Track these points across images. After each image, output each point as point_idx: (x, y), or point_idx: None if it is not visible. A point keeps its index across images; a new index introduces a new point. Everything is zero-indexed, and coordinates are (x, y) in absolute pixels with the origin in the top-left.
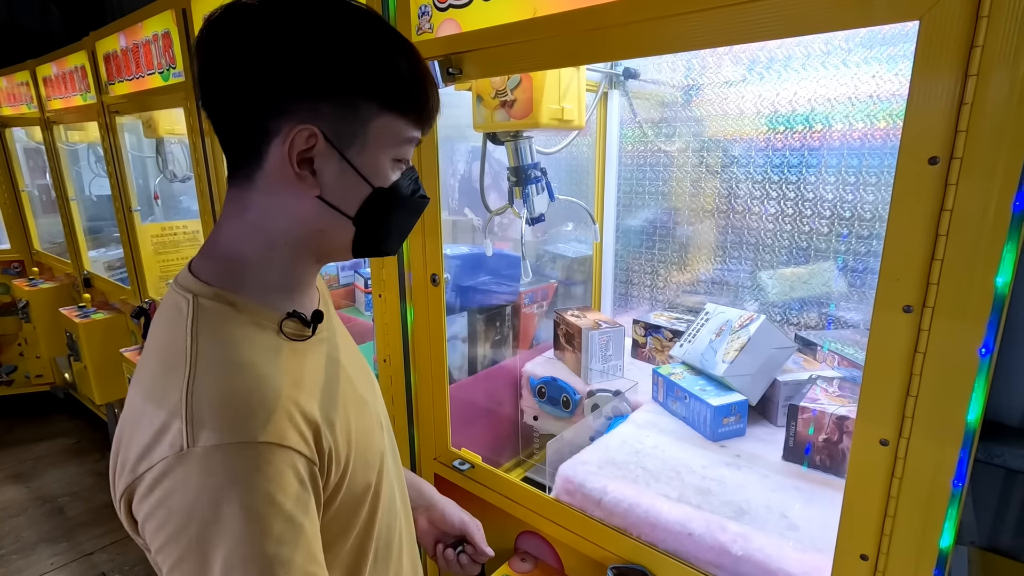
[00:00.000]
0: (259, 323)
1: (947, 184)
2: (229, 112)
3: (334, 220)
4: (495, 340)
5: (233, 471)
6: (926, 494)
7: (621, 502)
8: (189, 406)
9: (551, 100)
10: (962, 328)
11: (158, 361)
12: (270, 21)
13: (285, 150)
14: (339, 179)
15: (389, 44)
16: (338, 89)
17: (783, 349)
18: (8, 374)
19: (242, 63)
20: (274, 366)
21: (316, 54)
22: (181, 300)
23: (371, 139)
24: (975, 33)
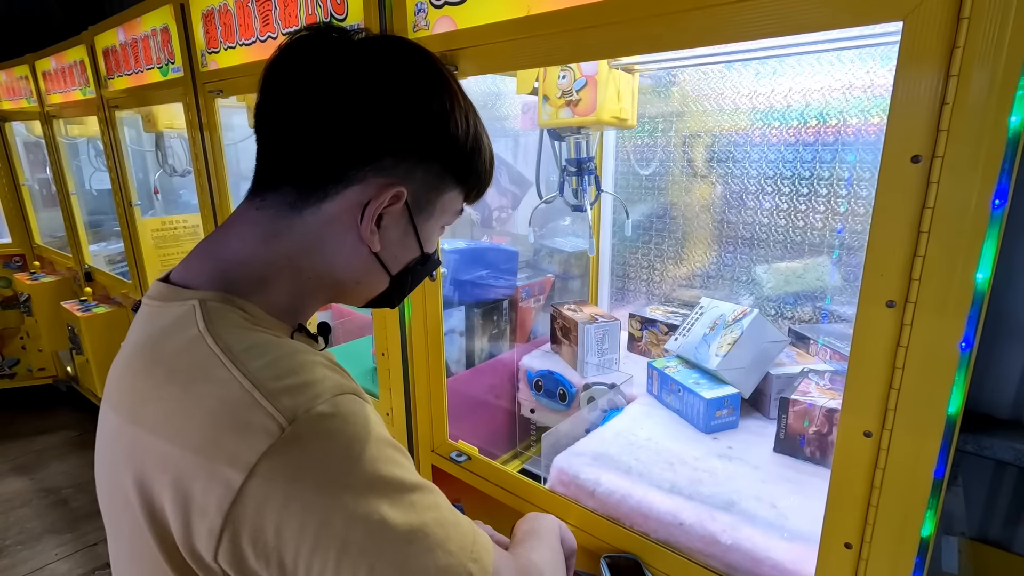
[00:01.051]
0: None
1: (929, 182)
2: (310, 146)
3: (375, 275)
4: (492, 334)
5: (355, 422)
6: (908, 484)
7: (614, 493)
8: (260, 388)
9: (611, 100)
10: (943, 323)
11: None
12: (384, 67)
13: (373, 207)
14: (399, 240)
15: (479, 122)
16: (437, 158)
17: (775, 343)
18: (11, 367)
19: (350, 105)
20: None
21: (432, 117)
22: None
23: (438, 209)
24: (956, 34)
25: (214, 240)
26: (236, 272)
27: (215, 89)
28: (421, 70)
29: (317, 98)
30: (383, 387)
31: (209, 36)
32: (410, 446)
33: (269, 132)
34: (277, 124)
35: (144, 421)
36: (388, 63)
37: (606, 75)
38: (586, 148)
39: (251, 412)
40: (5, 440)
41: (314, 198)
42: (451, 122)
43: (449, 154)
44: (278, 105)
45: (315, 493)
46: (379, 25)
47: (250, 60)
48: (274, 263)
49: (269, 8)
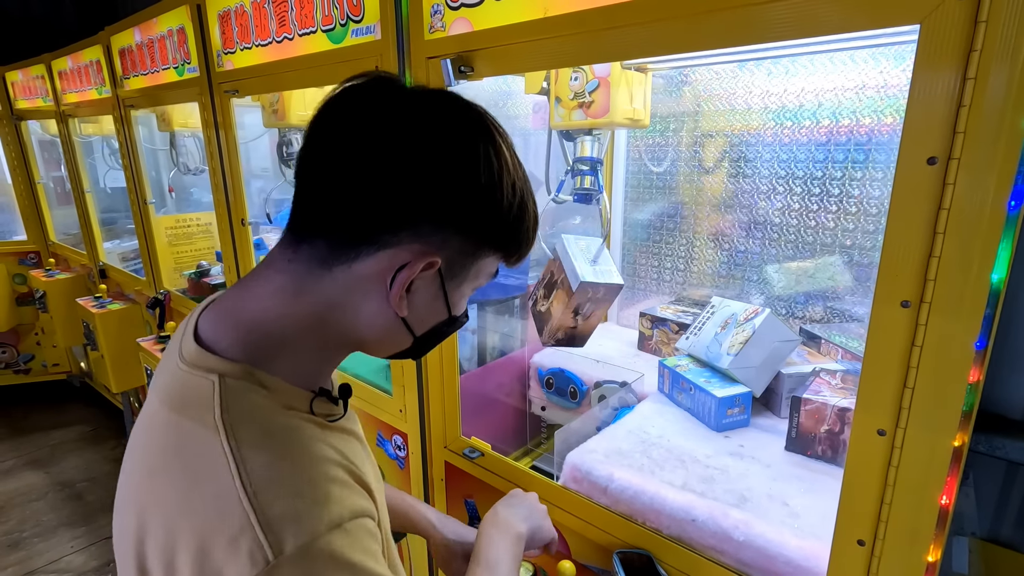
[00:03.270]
0: (290, 404)
1: (945, 184)
2: (347, 204)
3: (399, 335)
4: (504, 332)
5: (333, 563)
6: (921, 482)
7: (627, 489)
8: (257, 511)
9: (624, 102)
10: (958, 323)
11: (186, 465)
12: (433, 130)
13: (404, 272)
14: (428, 304)
15: (526, 185)
16: (478, 228)
17: (787, 342)
18: (25, 363)
19: (393, 167)
20: (317, 435)
21: (478, 189)
22: (200, 381)
23: (472, 274)
24: (974, 37)
25: (245, 290)
26: (260, 336)
27: (231, 89)
28: (471, 135)
29: (359, 156)
30: (396, 384)
31: (225, 37)
32: (423, 442)
33: (309, 181)
34: (317, 175)
35: (155, 490)
36: (437, 125)
37: (619, 76)
38: (598, 148)
39: (243, 534)
40: (21, 435)
41: (346, 256)
42: (497, 192)
43: (492, 225)
44: (320, 155)
45: None
46: (395, 27)
47: (266, 60)
48: (300, 321)
49: (285, 9)
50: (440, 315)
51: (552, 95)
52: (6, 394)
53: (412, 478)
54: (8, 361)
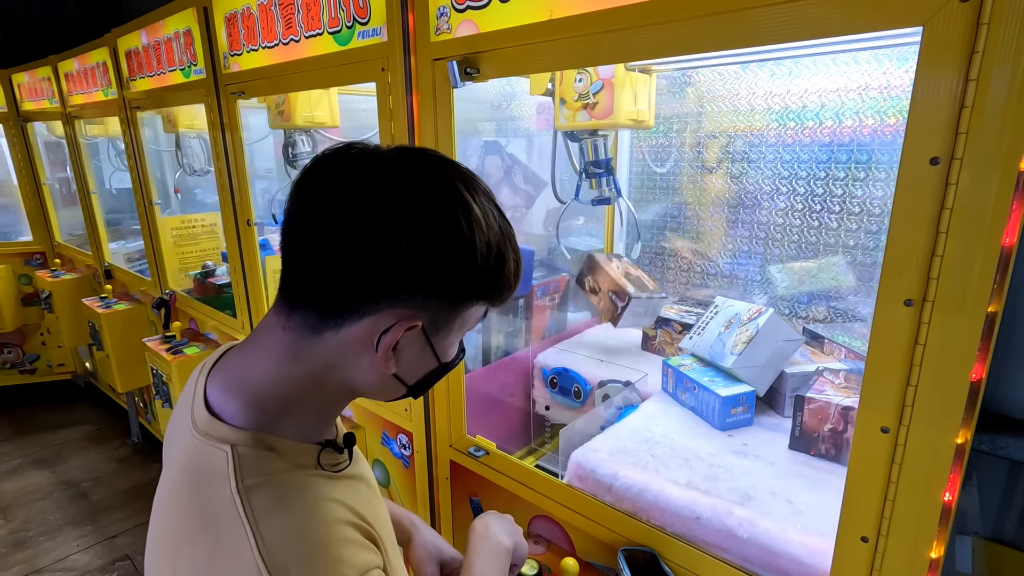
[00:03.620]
0: (299, 463)
1: (947, 183)
2: (328, 276)
3: (393, 386)
4: (508, 332)
5: None
6: (924, 479)
7: (631, 487)
8: (271, 572)
9: (628, 103)
10: (960, 321)
11: (207, 528)
12: (404, 201)
13: (387, 338)
14: (416, 358)
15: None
16: (453, 294)
17: (790, 342)
18: (31, 363)
19: (368, 242)
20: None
21: (451, 253)
22: (215, 452)
23: (457, 325)
24: (975, 39)
25: (247, 356)
26: (265, 401)
27: (237, 91)
28: (441, 202)
29: (334, 232)
30: None
31: (232, 39)
32: (428, 441)
33: (292, 251)
34: (298, 247)
35: (180, 560)
36: (407, 197)
37: (623, 78)
38: (604, 149)
39: None
40: (26, 434)
41: (333, 324)
42: (470, 253)
43: (469, 283)
44: (299, 229)
45: None
46: (401, 29)
47: (272, 63)
48: (299, 383)
49: (292, 12)
50: (430, 364)
51: (556, 96)
52: (12, 394)
53: (417, 477)
54: (14, 361)
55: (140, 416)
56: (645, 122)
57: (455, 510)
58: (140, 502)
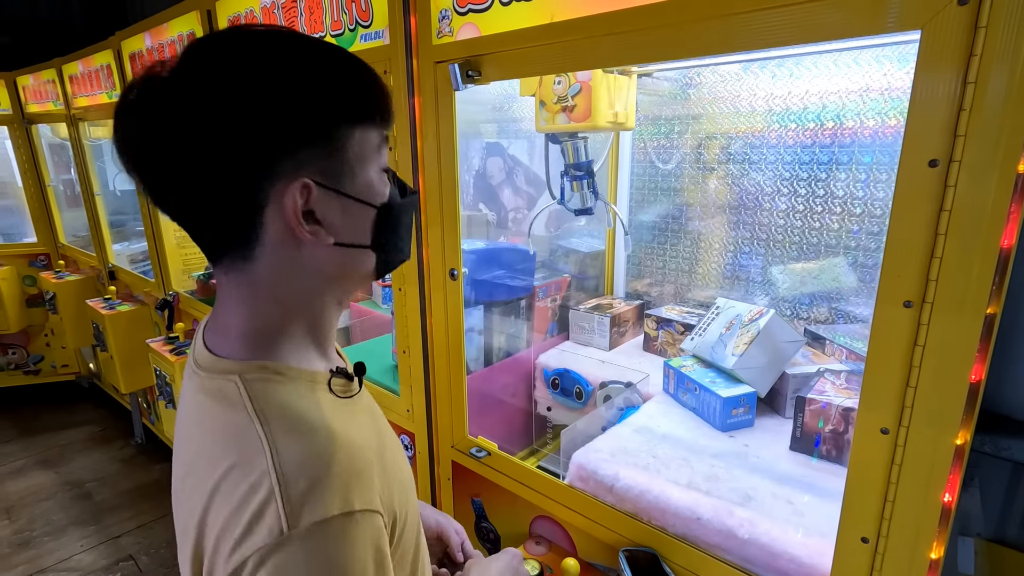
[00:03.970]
0: (312, 386)
1: (946, 186)
2: (205, 201)
3: (353, 257)
4: (510, 332)
5: (337, 546)
6: (924, 480)
7: (632, 488)
8: (282, 485)
9: (607, 105)
10: (959, 323)
11: (230, 449)
12: (210, 89)
13: (287, 214)
14: (346, 216)
15: (332, 59)
16: (310, 129)
17: (791, 343)
18: (35, 364)
19: (203, 144)
20: (343, 425)
21: (276, 102)
22: (225, 384)
23: (355, 162)
24: (973, 42)
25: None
26: (255, 336)
27: None
28: (236, 64)
29: (167, 151)
30: (404, 384)
31: None
32: (430, 442)
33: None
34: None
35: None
36: (202, 81)
37: (600, 80)
38: (584, 152)
39: (268, 507)
40: (30, 435)
41: (249, 240)
42: (294, 89)
43: (317, 114)
44: (147, 169)
45: None
46: (403, 32)
47: None
48: (270, 312)
49: (295, 15)
50: (366, 213)
51: (537, 99)
52: (16, 395)
53: (419, 477)
54: (18, 362)
55: (144, 417)
56: (624, 124)
57: (457, 511)
58: (144, 502)
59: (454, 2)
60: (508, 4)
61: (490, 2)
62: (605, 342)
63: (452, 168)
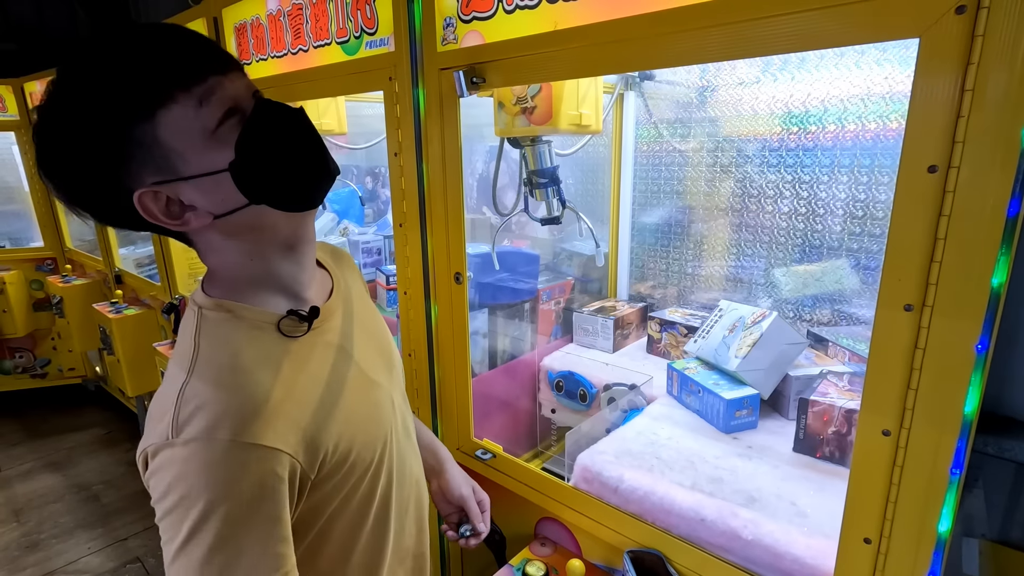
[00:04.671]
0: (257, 326)
1: (945, 191)
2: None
3: (249, 215)
4: (514, 335)
5: (202, 464)
6: (926, 481)
7: (637, 490)
8: (179, 402)
9: (570, 106)
10: (960, 326)
11: (174, 362)
12: (42, 126)
13: (159, 217)
14: (205, 194)
15: (111, 65)
16: (114, 147)
17: (794, 345)
18: (42, 367)
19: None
20: (266, 367)
21: (73, 144)
22: (191, 312)
23: (176, 145)
24: (971, 50)
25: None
26: (221, 282)
27: None
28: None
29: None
30: (409, 387)
31: (241, 48)
32: None
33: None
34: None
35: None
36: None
37: None
38: (548, 157)
39: (166, 415)
40: (38, 438)
41: (171, 233)
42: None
43: (112, 135)
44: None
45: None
46: (408, 39)
47: (282, 71)
48: (226, 267)
49: (301, 22)
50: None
51: (495, 100)
52: (24, 398)
53: None
54: (25, 366)
55: None
56: (590, 127)
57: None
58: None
59: (459, 9)
60: (512, 11)
61: (494, 9)
62: (609, 344)
63: (457, 174)
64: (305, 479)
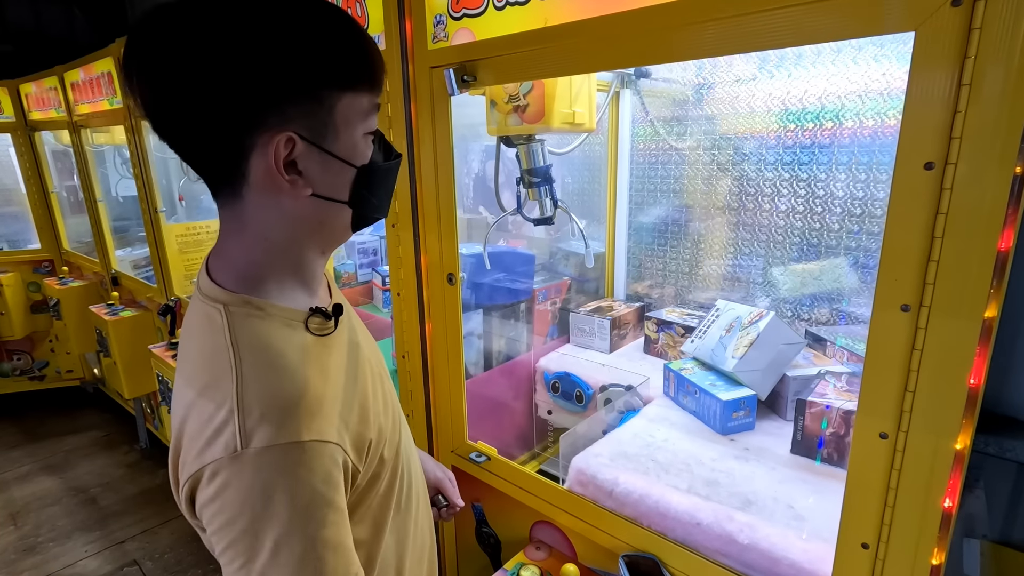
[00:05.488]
0: (288, 323)
1: (942, 188)
2: (197, 137)
3: (330, 209)
4: (510, 336)
5: (280, 469)
6: (924, 485)
7: (632, 493)
8: (241, 411)
9: (563, 104)
10: (957, 326)
11: (206, 369)
12: (214, 33)
13: (270, 162)
14: (325, 171)
15: (328, 22)
16: (299, 87)
17: (792, 345)
18: (40, 369)
19: (198, 85)
20: (309, 364)
21: (269, 59)
22: (213, 311)
23: (340, 123)
24: (968, 44)
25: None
26: (242, 273)
27: None
28: (238, 11)
29: (168, 89)
30: (404, 389)
31: None
32: (430, 446)
33: (167, 138)
34: (162, 126)
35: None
36: (208, 23)
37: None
38: (541, 156)
39: (227, 425)
40: (36, 440)
41: (238, 180)
42: (288, 46)
43: (308, 74)
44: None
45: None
46: (399, 37)
47: None
48: (258, 247)
49: None
50: (346, 172)
51: (488, 98)
52: (22, 400)
53: None
54: (23, 368)
55: (148, 422)
56: (584, 125)
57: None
58: (148, 507)
59: (449, 7)
60: (502, 8)
61: (485, 6)
62: (606, 345)
63: (449, 173)
64: (356, 473)
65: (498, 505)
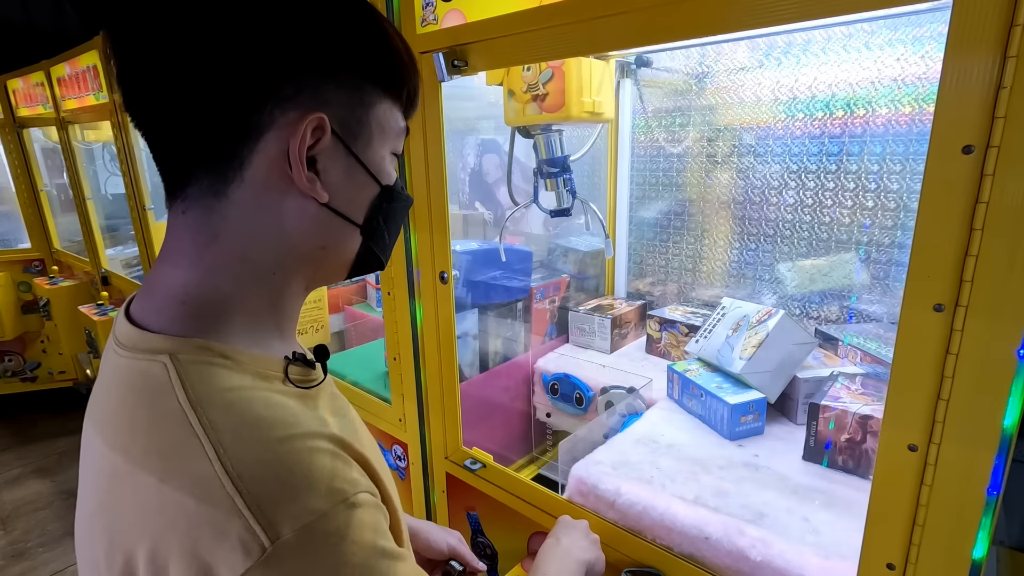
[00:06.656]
0: (263, 375)
1: (983, 175)
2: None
3: (339, 232)
4: (506, 336)
5: (333, 541)
6: (958, 503)
7: (635, 504)
8: (243, 496)
9: (582, 93)
10: (998, 328)
11: (151, 456)
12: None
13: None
14: (347, 181)
15: (380, 19)
16: (344, 66)
17: (803, 345)
18: (32, 370)
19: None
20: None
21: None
22: (150, 366)
23: (375, 130)
24: (1016, 10)
25: (164, 263)
26: (199, 303)
27: None
28: None
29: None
30: (395, 392)
31: None
32: (423, 453)
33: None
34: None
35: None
36: None
37: (573, 64)
38: (560, 146)
39: (230, 523)
40: (28, 443)
41: (232, 170)
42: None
43: (356, 56)
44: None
45: None
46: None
47: None
48: (229, 269)
49: None
50: (368, 188)
51: (505, 88)
52: (13, 402)
53: (413, 489)
54: (15, 369)
55: None
56: (603, 115)
57: (452, 525)
58: None
59: None
60: None
61: None
62: (606, 345)
63: (440, 165)
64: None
65: (495, 514)
